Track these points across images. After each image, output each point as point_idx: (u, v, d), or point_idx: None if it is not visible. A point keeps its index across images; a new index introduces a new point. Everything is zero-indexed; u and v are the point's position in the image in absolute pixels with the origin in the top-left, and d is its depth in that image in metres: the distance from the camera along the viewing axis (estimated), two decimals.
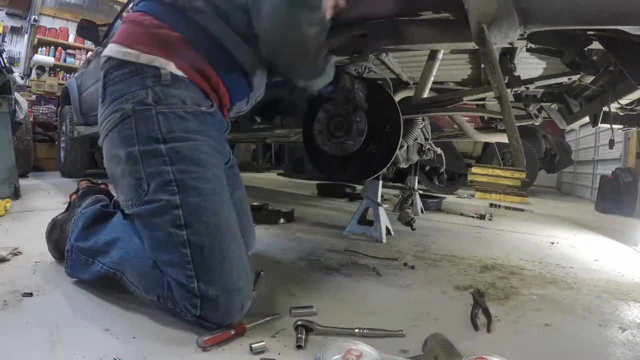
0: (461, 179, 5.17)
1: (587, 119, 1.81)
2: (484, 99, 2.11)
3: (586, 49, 1.31)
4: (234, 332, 0.87)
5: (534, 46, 1.28)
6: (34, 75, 6.08)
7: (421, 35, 1.25)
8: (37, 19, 5.98)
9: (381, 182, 2.04)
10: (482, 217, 3.06)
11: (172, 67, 0.96)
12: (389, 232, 2.05)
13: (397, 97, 1.91)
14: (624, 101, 1.51)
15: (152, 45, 0.97)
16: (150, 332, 0.88)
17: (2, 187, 2.49)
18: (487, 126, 2.86)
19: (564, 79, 1.62)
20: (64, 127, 4.01)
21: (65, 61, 6.44)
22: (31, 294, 1.03)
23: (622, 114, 1.66)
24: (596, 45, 1.24)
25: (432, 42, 1.27)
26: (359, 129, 1.43)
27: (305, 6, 0.96)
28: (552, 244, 2.25)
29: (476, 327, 1.01)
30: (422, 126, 1.99)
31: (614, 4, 0.91)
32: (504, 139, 2.43)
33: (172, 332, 0.89)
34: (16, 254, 1.34)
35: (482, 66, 1.49)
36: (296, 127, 1.93)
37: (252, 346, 0.81)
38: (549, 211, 4.10)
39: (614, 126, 1.66)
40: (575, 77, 1.57)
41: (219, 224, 0.93)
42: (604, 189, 4.53)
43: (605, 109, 1.57)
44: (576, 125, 1.99)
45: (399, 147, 1.46)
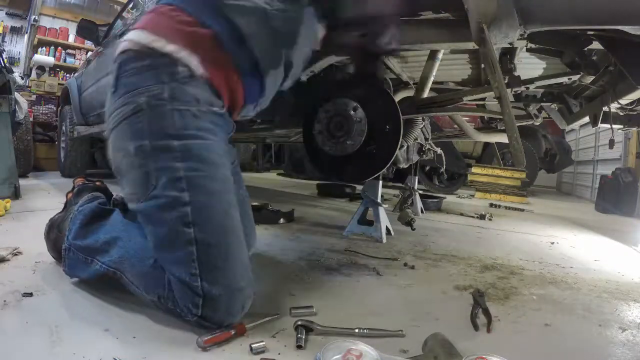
0: (461, 179, 5.16)
1: (587, 119, 1.81)
2: (484, 99, 2.11)
3: (586, 49, 1.31)
4: (234, 332, 0.87)
5: (534, 46, 1.28)
6: (34, 75, 6.06)
7: (421, 35, 1.25)
8: (37, 19, 5.97)
9: (381, 182, 2.03)
10: (482, 217, 3.06)
11: (195, 64, 0.95)
12: (389, 232, 2.05)
13: (397, 97, 1.91)
14: (624, 101, 1.51)
15: (180, 38, 0.96)
16: (150, 332, 0.88)
17: (2, 187, 2.49)
18: (487, 126, 2.86)
19: (564, 79, 1.62)
20: (64, 127, 4.02)
21: (65, 61, 6.44)
22: (31, 294, 1.03)
23: (622, 114, 1.67)
24: (596, 45, 1.24)
25: (432, 42, 1.27)
26: (359, 129, 1.43)
27: None
28: (552, 244, 2.25)
29: (476, 327, 1.01)
30: (422, 126, 1.99)
31: (614, 4, 0.92)
32: (504, 139, 2.43)
33: (172, 332, 0.89)
34: (16, 254, 1.34)
35: (482, 66, 1.49)
36: (296, 127, 1.93)
37: (252, 346, 0.81)
38: (549, 211, 4.10)
39: (614, 126, 1.66)
40: (575, 77, 1.57)
41: (226, 224, 0.93)
42: (604, 189, 4.53)
43: (605, 109, 1.57)
44: (576, 125, 1.99)
45: (399, 147, 1.46)
